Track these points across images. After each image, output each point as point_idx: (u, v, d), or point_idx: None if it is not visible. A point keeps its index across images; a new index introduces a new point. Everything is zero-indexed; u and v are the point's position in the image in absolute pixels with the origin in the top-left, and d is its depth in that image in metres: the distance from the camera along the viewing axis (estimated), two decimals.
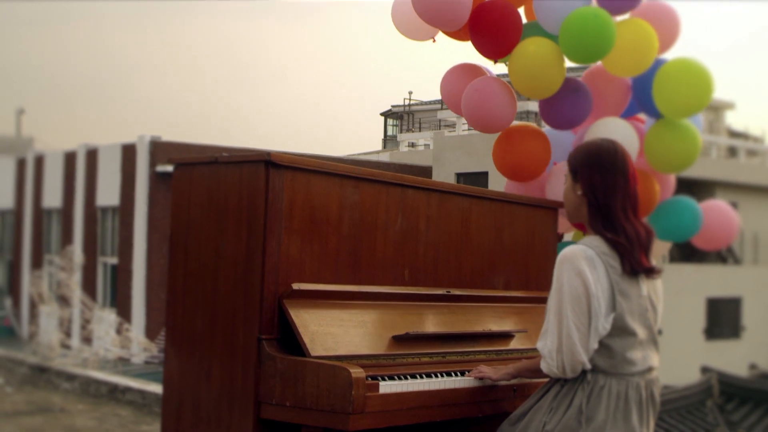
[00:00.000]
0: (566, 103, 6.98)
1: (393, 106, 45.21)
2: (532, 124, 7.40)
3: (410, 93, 45.18)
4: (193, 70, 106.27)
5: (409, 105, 44.31)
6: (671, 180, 7.27)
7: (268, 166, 5.02)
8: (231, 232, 5.15)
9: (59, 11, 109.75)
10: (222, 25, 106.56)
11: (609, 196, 4.83)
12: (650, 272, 4.82)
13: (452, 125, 37.62)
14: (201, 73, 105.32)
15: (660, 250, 7.39)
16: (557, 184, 7.02)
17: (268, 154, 5.01)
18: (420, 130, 42.38)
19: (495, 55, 6.94)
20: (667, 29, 6.96)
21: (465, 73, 7.25)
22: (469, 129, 36.49)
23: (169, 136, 30.61)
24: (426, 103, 44.67)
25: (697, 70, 6.80)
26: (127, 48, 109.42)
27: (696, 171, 38.09)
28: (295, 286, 5.01)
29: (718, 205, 7.31)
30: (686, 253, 39.95)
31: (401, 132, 43.83)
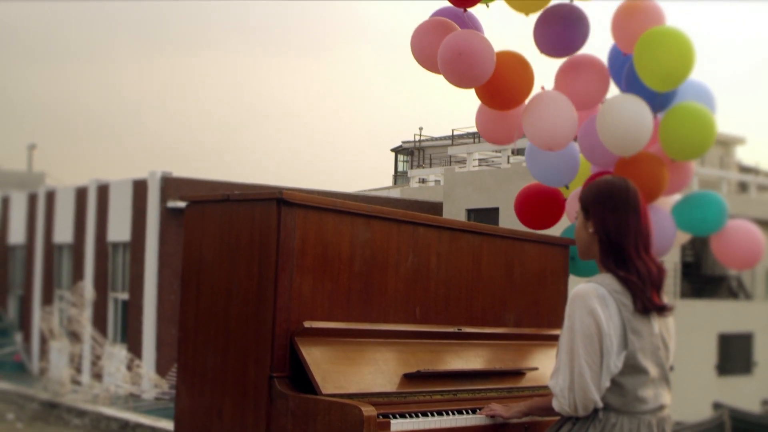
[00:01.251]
0: (561, 27, 6.96)
1: (403, 142, 45.26)
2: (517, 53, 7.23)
3: (420, 129, 45.16)
4: (204, 106, 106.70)
5: (420, 141, 44.34)
6: (689, 169, 7.15)
7: (280, 204, 5.03)
8: (243, 269, 5.16)
9: (71, 48, 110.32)
10: (231, 62, 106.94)
11: (621, 234, 4.82)
12: (662, 310, 4.81)
13: (463, 161, 37.68)
14: (211, 110, 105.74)
15: (680, 239, 7.34)
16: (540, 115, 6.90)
17: (280, 192, 5.02)
18: (430, 166, 42.46)
19: None
20: None
21: (437, 29, 7.02)
22: (479, 165, 36.45)
23: (180, 171, 30.71)
24: (436, 139, 44.69)
25: (702, 113, 6.83)
26: (138, 85, 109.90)
27: None
28: (307, 324, 5.01)
29: (744, 225, 7.26)
30: (697, 288, 39.88)
31: (412, 168, 43.83)
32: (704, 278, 40.87)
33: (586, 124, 6.94)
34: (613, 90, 7.10)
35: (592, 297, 4.69)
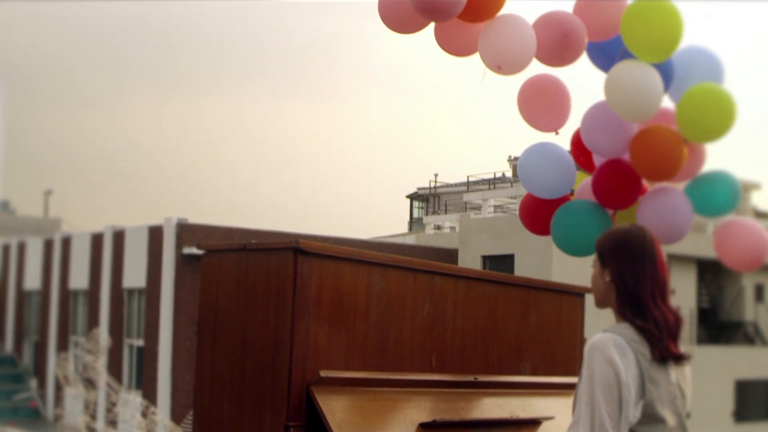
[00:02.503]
0: None
1: (419, 189, 45.32)
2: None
3: (436, 176, 45.37)
4: (219, 151, 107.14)
5: (435, 187, 44.41)
6: (702, 153, 7.00)
7: (296, 253, 5.04)
8: (259, 318, 5.16)
9: (86, 93, 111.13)
10: (246, 108, 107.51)
11: (638, 283, 4.81)
12: (679, 359, 4.80)
13: (478, 208, 37.72)
14: (226, 155, 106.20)
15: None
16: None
17: (296, 241, 5.04)
18: (446, 213, 42.50)
19: None
20: None
21: None
22: (495, 211, 36.44)
23: (195, 217, 30.81)
24: (452, 185, 44.76)
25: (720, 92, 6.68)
26: (153, 130, 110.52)
27: None
28: (323, 373, 5.01)
29: (748, 223, 6.99)
30: (714, 334, 39.73)
31: (427, 214, 43.87)
32: (720, 324, 40.74)
33: (590, 111, 6.82)
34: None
35: (610, 346, 4.67)
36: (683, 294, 36.64)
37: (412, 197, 45.36)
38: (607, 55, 6.98)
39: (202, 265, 5.52)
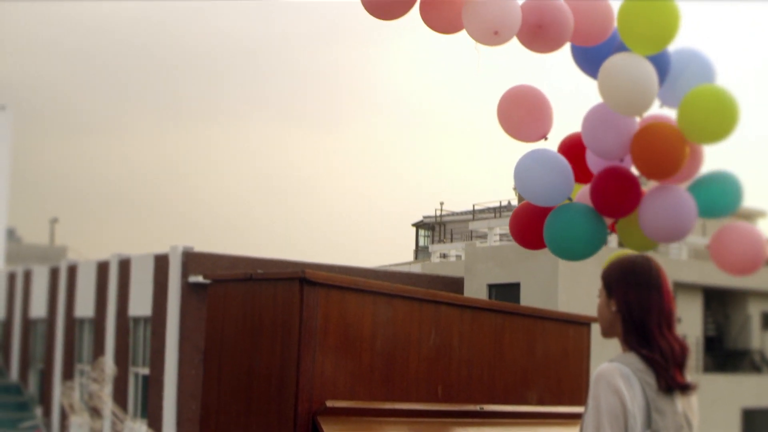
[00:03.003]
0: None
1: (424, 217, 45.34)
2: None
3: (441, 204, 45.46)
4: (223, 179, 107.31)
5: (441, 216, 44.40)
6: (701, 154, 6.89)
7: (302, 283, 5.05)
8: (265, 348, 5.17)
9: (91, 121, 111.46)
10: (250, 136, 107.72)
11: (644, 313, 4.81)
12: (686, 389, 4.79)
13: (484, 236, 37.71)
14: (231, 183, 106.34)
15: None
16: None
17: (303, 271, 5.04)
18: (452, 241, 42.50)
19: None
20: None
21: None
22: (501, 240, 36.36)
23: (200, 245, 30.86)
24: (457, 213, 44.76)
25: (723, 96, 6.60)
26: (158, 158, 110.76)
27: (728, 280, 37.89)
28: (329, 403, 5.01)
29: (744, 226, 6.79)
30: (720, 363, 39.62)
31: (433, 243, 43.88)
32: (727, 352, 40.63)
33: (590, 112, 6.74)
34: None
35: (617, 376, 4.67)
36: (689, 322, 36.56)
37: (418, 225, 45.40)
38: (594, 60, 6.94)
39: (208, 294, 5.53)
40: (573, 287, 30.26)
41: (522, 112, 7.01)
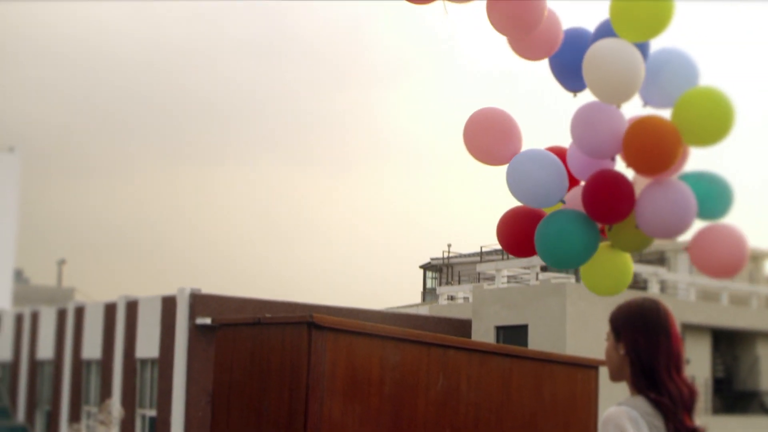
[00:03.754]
0: None
1: (432, 259, 45.31)
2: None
3: (449, 246, 45.46)
4: (231, 221, 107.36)
5: (448, 258, 44.35)
6: (686, 152, 6.73)
7: (310, 328, 5.06)
8: (274, 392, 5.17)
9: (98, 165, 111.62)
10: (257, 178, 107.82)
11: (653, 356, 4.81)
12: None
13: (491, 278, 37.65)
14: (239, 225, 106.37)
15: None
16: None
17: (311, 316, 5.06)
18: (459, 283, 42.46)
19: None
20: None
21: None
22: (508, 282, 36.30)
23: (208, 287, 30.82)
24: (465, 255, 44.71)
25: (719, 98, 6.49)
26: (165, 199, 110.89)
27: (736, 321, 37.81)
28: None
29: (725, 228, 6.55)
30: (729, 404, 39.44)
31: (440, 285, 43.82)
32: (736, 394, 40.45)
33: (579, 110, 6.59)
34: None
35: (625, 419, 4.67)
36: (698, 363, 36.42)
37: (426, 267, 45.38)
38: (570, 71, 6.87)
39: (216, 338, 5.54)
40: (581, 329, 30.19)
41: (490, 136, 6.93)
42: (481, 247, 41.62)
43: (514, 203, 7.08)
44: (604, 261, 6.78)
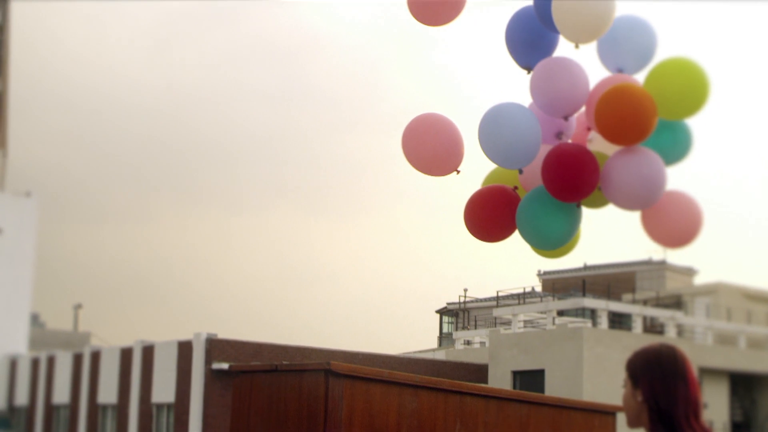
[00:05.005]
0: None
1: (448, 304, 45.27)
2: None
3: (465, 291, 45.45)
4: (247, 266, 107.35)
5: (464, 302, 44.32)
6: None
7: (327, 375, 5.07)
8: None
9: (115, 210, 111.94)
10: (273, 223, 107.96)
11: (671, 403, 4.79)
12: None
13: (508, 323, 37.59)
14: (255, 271, 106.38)
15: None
16: None
17: (328, 363, 5.06)
18: (476, 328, 42.41)
19: None
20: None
21: None
22: (525, 326, 36.16)
23: (224, 332, 30.83)
24: (481, 300, 44.67)
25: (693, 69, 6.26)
26: (181, 245, 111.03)
27: (754, 365, 37.62)
28: None
29: (680, 195, 6.30)
30: None
31: (457, 329, 43.78)
32: None
33: (540, 65, 6.55)
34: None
35: None
36: (716, 408, 36.21)
37: (442, 312, 45.32)
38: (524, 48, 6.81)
39: (233, 385, 5.55)
40: (598, 374, 30.07)
41: (429, 145, 6.80)
42: (497, 292, 41.59)
43: (528, 248, 7.01)
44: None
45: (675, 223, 6.27)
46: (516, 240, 7.19)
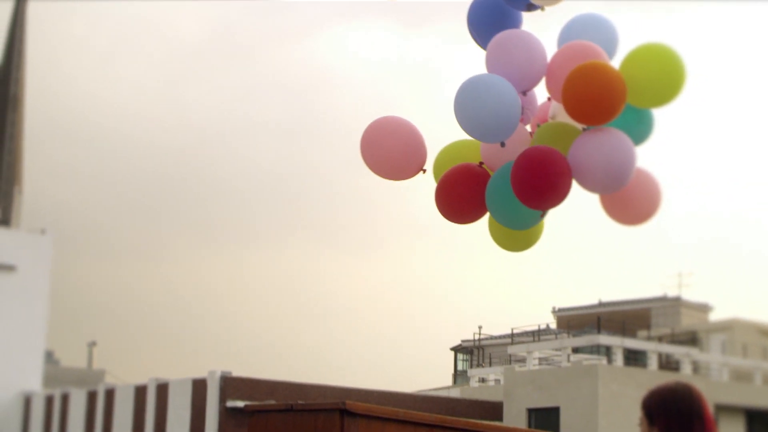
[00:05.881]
0: None
1: (463, 341, 45.20)
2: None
3: (480, 328, 45.41)
4: (261, 303, 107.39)
5: (479, 339, 44.24)
6: None
7: (342, 414, 5.07)
8: None
9: (129, 247, 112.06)
10: (287, 259, 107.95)
11: None
12: None
13: (523, 360, 37.51)
14: (269, 307, 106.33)
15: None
16: None
17: (343, 403, 5.06)
18: (490, 365, 42.29)
19: None
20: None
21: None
22: (540, 363, 36.08)
23: (239, 370, 30.80)
24: (496, 337, 44.59)
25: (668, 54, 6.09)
26: (195, 281, 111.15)
27: (766, 400, 37.42)
28: None
29: (638, 171, 6.17)
30: None
31: (471, 367, 43.63)
32: None
33: (495, 41, 6.44)
34: None
35: None
36: None
37: (456, 349, 45.25)
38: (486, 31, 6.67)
39: (249, 424, 5.55)
40: (613, 411, 29.95)
41: (390, 148, 6.68)
42: (512, 329, 41.51)
43: (544, 285, 6.98)
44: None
45: (635, 202, 6.20)
46: (531, 277, 7.17)
